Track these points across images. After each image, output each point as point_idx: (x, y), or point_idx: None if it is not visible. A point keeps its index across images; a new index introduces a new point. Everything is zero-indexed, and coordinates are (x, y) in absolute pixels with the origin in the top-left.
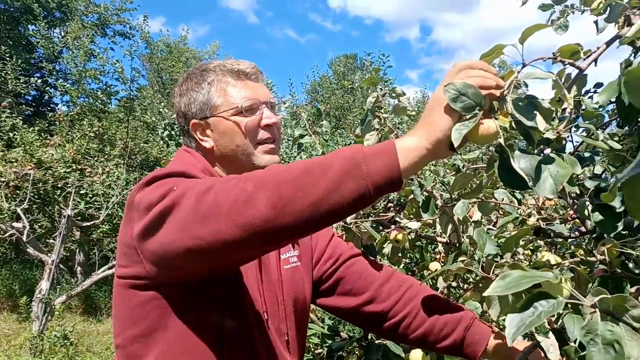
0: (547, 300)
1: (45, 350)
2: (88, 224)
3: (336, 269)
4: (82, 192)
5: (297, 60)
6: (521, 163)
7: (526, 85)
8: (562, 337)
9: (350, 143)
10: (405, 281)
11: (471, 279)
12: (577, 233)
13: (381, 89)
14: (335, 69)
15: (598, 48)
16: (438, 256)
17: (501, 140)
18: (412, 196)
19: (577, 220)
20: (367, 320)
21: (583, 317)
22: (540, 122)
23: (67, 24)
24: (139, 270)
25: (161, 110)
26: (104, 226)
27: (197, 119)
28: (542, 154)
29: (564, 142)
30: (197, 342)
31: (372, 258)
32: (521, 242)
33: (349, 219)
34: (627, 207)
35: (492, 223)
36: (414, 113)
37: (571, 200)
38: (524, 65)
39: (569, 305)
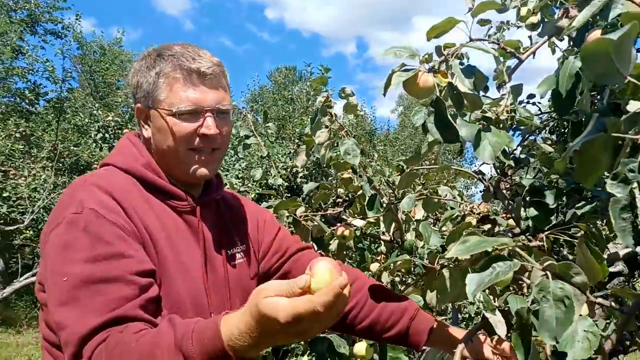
0: (504, 262)
1: None
2: (11, 228)
3: (283, 263)
4: (4, 194)
5: (234, 70)
6: (462, 131)
7: (468, 58)
8: (506, 317)
9: (290, 152)
10: (350, 273)
11: (410, 279)
12: (510, 235)
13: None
14: (275, 79)
15: (537, 42)
16: (379, 257)
17: (437, 93)
18: (360, 192)
19: (509, 222)
20: None
21: (524, 297)
22: (466, 86)
23: None
24: None
25: (94, 112)
26: (27, 232)
27: (141, 104)
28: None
29: (501, 125)
30: None
31: (321, 251)
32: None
33: (298, 212)
34: (577, 175)
35: (433, 222)
36: (362, 112)
37: (507, 201)
38: (470, 40)
39: (511, 287)
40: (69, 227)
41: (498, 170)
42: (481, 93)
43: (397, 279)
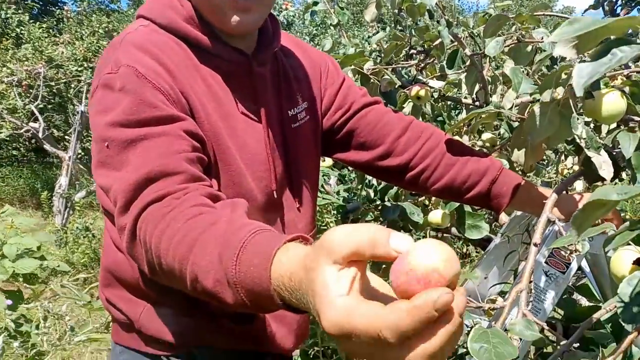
0: (630, 46)
1: (69, 242)
2: None
3: (347, 120)
4: None
5: None
6: None
7: None
8: (613, 159)
9: (370, 37)
10: (424, 130)
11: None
12: None
13: None
14: None
15: None
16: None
17: None
18: (438, 41)
19: None
20: (384, 173)
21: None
22: None
23: None
24: None
25: None
26: None
27: None
28: None
29: None
30: None
31: (391, 107)
32: (564, 75)
33: (365, 67)
34: None
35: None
36: None
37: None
38: None
39: (621, 126)
40: (104, 90)
41: (608, 14)
42: None
43: (479, 142)
